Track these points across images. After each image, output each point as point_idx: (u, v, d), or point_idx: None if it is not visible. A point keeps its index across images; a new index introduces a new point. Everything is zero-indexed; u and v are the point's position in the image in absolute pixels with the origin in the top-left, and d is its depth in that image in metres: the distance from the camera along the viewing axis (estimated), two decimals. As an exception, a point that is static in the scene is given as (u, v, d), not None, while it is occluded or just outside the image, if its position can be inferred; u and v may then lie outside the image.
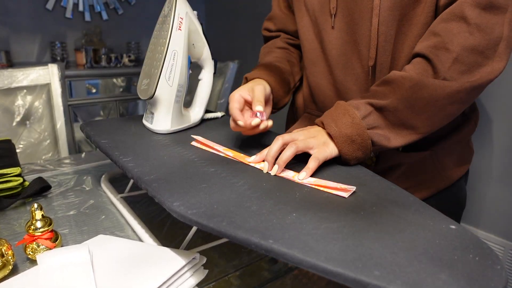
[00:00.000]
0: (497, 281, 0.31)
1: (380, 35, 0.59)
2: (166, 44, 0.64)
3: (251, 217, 0.39)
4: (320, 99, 0.72)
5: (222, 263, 0.53)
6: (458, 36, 0.51)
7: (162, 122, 0.67)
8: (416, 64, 0.54)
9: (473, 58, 0.51)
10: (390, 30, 0.59)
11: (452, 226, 0.38)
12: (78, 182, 0.74)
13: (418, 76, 0.53)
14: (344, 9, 0.62)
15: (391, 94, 0.54)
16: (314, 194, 0.45)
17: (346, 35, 0.63)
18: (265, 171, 0.51)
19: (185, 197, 0.43)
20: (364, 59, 0.62)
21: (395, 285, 0.29)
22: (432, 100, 0.52)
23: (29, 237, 0.47)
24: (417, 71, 0.53)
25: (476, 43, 0.50)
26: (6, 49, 2.19)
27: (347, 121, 0.54)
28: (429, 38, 0.54)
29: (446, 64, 0.51)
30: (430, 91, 0.52)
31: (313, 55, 0.70)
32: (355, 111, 0.54)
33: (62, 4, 2.36)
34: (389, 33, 0.59)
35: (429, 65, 0.53)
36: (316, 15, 0.66)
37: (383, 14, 0.58)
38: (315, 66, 0.70)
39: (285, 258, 0.33)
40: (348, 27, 0.62)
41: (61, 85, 1.18)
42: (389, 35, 0.59)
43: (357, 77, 0.64)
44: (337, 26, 0.64)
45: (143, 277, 0.41)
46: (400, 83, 0.54)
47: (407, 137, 0.55)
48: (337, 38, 0.64)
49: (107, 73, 2.30)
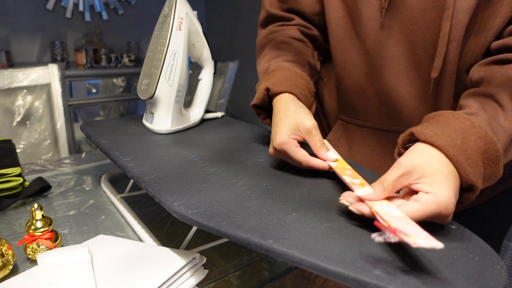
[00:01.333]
0: (497, 281, 0.31)
1: (451, 41, 0.49)
2: (166, 44, 0.64)
3: (251, 217, 0.39)
4: (360, 106, 0.62)
5: (222, 263, 0.53)
6: None
7: (162, 122, 0.67)
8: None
9: None
10: (461, 36, 0.49)
11: (452, 226, 0.38)
12: (78, 182, 0.74)
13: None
14: (400, 3, 0.51)
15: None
16: (314, 194, 0.45)
17: (399, 34, 0.53)
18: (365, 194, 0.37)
19: (185, 197, 0.43)
20: (424, 66, 0.52)
21: (395, 285, 0.29)
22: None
23: (29, 237, 0.47)
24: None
25: None
26: (6, 49, 2.19)
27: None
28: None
29: None
30: None
31: (351, 53, 0.59)
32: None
33: (62, 4, 2.36)
34: (459, 40, 0.49)
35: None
36: (356, 5, 0.56)
37: (458, 16, 0.47)
38: (353, 66, 0.60)
39: (285, 258, 0.33)
40: (404, 25, 0.52)
41: (61, 85, 1.18)
42: (459, 42, 0.49)
43: (412, 84, 0.55)
44: (387, 23, 0.53)
45: (143, 277, 0.41)
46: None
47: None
48: (386, 36, 0.54)
49: (107, 73, 2.30)
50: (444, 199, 0.34)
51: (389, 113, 0.59)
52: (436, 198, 0.34)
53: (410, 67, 0.54)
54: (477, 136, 0.37)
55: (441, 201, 0.34)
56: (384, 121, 0.60)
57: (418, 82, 0.54)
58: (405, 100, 0.55)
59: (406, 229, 0.31)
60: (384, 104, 0.58)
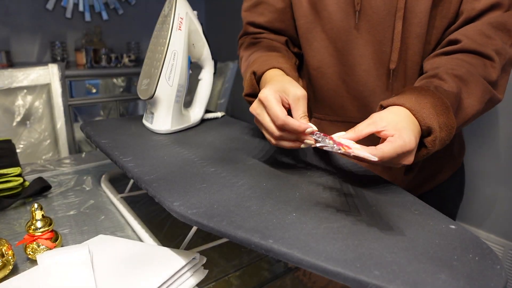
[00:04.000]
0: (497, 281, 0.31)
1: (414, 37, 0.57)
2: (166, 44, 0.64)
3: (251, 217, 0.39)
4: (333, 103, 0.67)
5: (222, 263, 0.53)
6: (506, 46, 0.54)
7: (162, 122, 0.67)
8: (475, 60, 0.53)
9: (510, 68, 0.55)
10: (419, 32, 0.57)
11: (452, 226, 0.38)
12: (78, 182, 0.74)
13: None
14: (368, 6, 0.58)
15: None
16: (314, 194, 0.45)
17: (367, 35, 0.60)
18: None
19: (185, 197, 0.43)
20: (387, 60, 0.60)
21: (395, 285, 0.29)
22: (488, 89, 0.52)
23: (29, 237, 0.47)
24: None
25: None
26: (6, 49, 2.19)
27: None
28: (483, 38, 0.53)
29: (500, 68, 0.53)
30: (494, 99, 0.53)
31: (324, 55, 0.64)
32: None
33: (62, 4, 2.36)
34: (418, 35, 0.57)
35: (487, 64, 0.53)
36: (326, 8, 0.61)
37: (419, 16, 0.56)
38: (325, 67, 0.65)
39: (285, 258, 0.33)
40: (371, 26, 0.59)
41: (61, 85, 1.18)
42: (418, 37, 0.57)
43: (379, 79, 0.61)
44: (358, 25, 0.60)
45: (143, 277, 0.41)
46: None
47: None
48: (357, 37, 0.60)
49: (107, 73, 2.30)
50: (407, 137, 0.42)
51: (361, 106, 0.65)
52: (401, 136, 0.42)
53: (378, 63, 0.61)
54: (427, 94, 0.47)
55: (405, 138, 0.41)
56: (357, 114, 0.66)
57: (387, 75, 0.61)
58: (376, 92, 0.62)
59: (351, 145, 0.36)
60: (356, 99, 0.64)
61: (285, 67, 0.58)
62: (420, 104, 0.45)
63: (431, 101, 0.46)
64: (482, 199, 1.34)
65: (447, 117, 0.46)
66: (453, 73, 0.50)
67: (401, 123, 0.43)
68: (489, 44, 0.53)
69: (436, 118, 0.45)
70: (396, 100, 0.47)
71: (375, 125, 0.43)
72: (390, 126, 0.43)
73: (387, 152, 0.40)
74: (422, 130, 0.45)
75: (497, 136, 1.28)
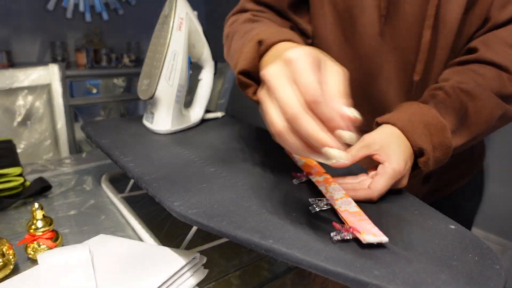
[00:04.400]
0: (497, 281, 0.31)
1: (441, 48, 0.53)
2: (166, 44, 0.64)
3: (251, 217, 0.39)
4: None
5: (222, 263, 0.53)
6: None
7: (162, 122, 0.67)
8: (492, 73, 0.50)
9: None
10: (446, 43, 0.53)
11: (451, 226, 0.38)
12: (78, 182, 0.74)
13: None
14: (396, 11, 0.53)
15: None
16: (315, 194, 0.45)
17: (391, 41, 0.55)
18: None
19: (185, 197, 0.43)
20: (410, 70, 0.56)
21: (394, 285, 0.29)
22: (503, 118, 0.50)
23: (30, 237, 0.47)
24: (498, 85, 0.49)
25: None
26: (7, 49, 2.19)
27: None
28: (504, 49, 0.50)
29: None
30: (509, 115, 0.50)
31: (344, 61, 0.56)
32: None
33: (62, 4, 2.36)
34: (444, 46, 0.53)
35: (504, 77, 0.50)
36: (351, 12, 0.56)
37: (448, 25, 0.52)
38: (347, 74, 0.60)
39: (285, 258, 0.33)
40: (398, 32, 0.54)
41: (61, 85, 1.18)
42: (445, 49, 0.54)
43: (400, 89, 0.57)
44: (383, 30, 0.55)
45: (143, 277, 0.41)
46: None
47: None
48: (381, 44, 0.56)
49: (108, 73, 2.30)
50: (397, 165, 0.42)
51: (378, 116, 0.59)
52: (391, 165, 0.42)
53: (401, 72, 0.56)
54: (422, 112, 0.46)
55: (395, 167, 0.42)
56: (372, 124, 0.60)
57: (408, 86, 0.57)
58: (395, 103, 0.56)
59: (359, 226, 0.36)
60: (374, 108, 0.59)
61: (301, 41, 0.46)
62: (413, 123, 0.45)
63: (425, 120, 0.45)
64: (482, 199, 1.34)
65: (442, 137, 0.45)
66: (460, 87, 0.48)
67: (392, 146, 0.43)
68: (508, 55, 0.50)
69: (429, 138, 0.44)
70: (389, 118, 0.46)
71: (368, 148, 0.44)
72: (381, 150, 0.43)
73: (381, 188, 0.42)
74: (414, 151, 0.45)
75: (497, 136, 1.28)
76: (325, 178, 0.47)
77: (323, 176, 0.47)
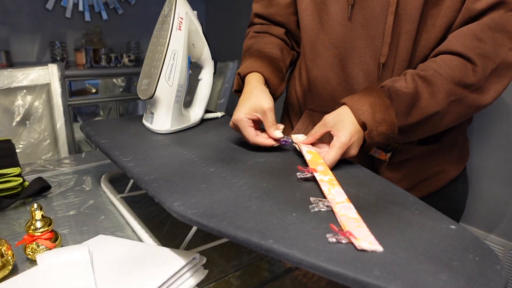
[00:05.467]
0: (497, 281, 0.31)
1: (397, 33, 0.59)
2: (166, 44, 0.64)
3: (251, 217, 0.39)
4: (324, 94, 0.70)
5: (222, 263, 0.53)
6: (500, 49, 0.54)
7: (162, 122, 0.67)
8: (456, 62, 0.55)
9: (507, 72, 0.55)
10: (409, 28, 0.58)
11: (452, 226, 0.38)
12: (78, 182, 0.74)
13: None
14: (362, 1, 0.61)
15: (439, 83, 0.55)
16: (314, 194, 0.45)
17: (361, 28, 0.62)
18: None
19: (185, 197, 0.43)
20: (378, 55, 0.62)
21: (395, 285, 0.29)
22: (465, 107, 0.56)
23: (29, 237, 0.47)
24: (459, 71, 0.54)
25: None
26: (6, 49, 2.19)
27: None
28: (472, 41, 0.54)
29: (487, 72, 0.54)
30: (467, 101, 0.55)
31: (318, 46, 0.68)
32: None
33: (62, 4, 2.36)
34: (407, 31, 0.59)
35: (468, 67, 0.54)
36: (325, 2, 0.65)
37: (409, 12, 0.57)
38: (320, 58, 0.68)
39: (285, 258, 0.33)
40: (365, 20, 0.61)
41: (61, 85, 1.18)
42: (408, 33, 0.59)
43: (369, 73, 0.63)
44: (352, 18, 0.62)
45: (143, 277, 0.41)
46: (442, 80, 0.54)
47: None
48: (351, 30, 0.63)
49: (107, 73, 2.30)
50: (344, 138, 0.51)
51: None
52: (339, 139, 0.51)
53: (370, 57, 0.63)
54: (371, 94, 0.54)
55: (342, 139, 0.51)
56: None
57: (376, 70, 0.63)
58: (363, 87, 0.63)
59: (356, 232, 0.36)
60: (346, 91, 0.66)
61: (265, 71, 0.65)
62: (360, 102, 0.53)
63: (371, 100, 0.53)
64: (482, 199, 1.35)
65: (386, 114, 0.52)
66: (418, 74, 0.55)
67: (342, 123, 0.52)
68: (476, 48, 0.54)
69: (371, 115, 0.52)
70: (345, 99, 0.55)
71: (325, 126, 0.54)
72: (334, 127, 0.53)
73: (332, 158, 0.50)
74: (360, 125, 0.53)
75: (498, 136, 1.28)
76: (330, 179, 0.47)
77: (328, 176, 0.47)
